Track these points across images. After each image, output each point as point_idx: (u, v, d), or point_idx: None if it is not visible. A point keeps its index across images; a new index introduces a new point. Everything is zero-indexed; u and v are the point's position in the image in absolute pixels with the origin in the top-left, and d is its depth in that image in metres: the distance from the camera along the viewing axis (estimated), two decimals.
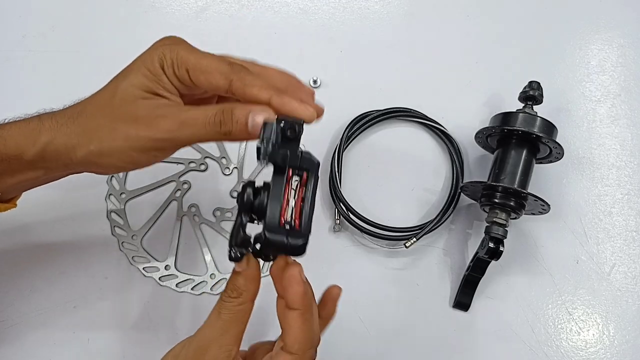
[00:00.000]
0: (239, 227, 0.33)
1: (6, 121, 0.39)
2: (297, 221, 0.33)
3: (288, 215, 0.33)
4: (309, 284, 0.34)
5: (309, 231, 0.33)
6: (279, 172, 0.33)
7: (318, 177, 0.34)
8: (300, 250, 0.33)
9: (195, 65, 0.37)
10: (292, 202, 0.33)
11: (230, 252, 0.33)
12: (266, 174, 0.46)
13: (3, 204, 0.40)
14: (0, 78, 0.59)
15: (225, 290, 0.34)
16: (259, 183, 0.34)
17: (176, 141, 0.35)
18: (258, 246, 0.34)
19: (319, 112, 0.38)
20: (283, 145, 0.33)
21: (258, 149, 0.32)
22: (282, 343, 0.33)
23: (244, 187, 0.34)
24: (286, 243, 0.32)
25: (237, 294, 0.34)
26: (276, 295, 0.35)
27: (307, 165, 0.34)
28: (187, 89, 0.37)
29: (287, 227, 0.33)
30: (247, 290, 0.34)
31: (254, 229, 0.35)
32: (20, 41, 0.60)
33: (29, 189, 0.42)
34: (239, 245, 0.33)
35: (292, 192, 0.34)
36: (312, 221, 0.33)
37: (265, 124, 0.33)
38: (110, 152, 0.35)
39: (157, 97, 0.36)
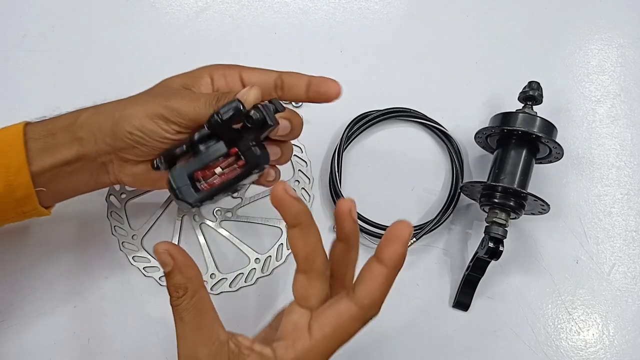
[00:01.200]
0: (176, 146, 0.38)
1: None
2: (205, 185, 0.37)
3: (206, 176, 0.37)
4: (406, 249, 0.32)
5: (201, 203, 0.37)
6: (228, 140, 0.37)
7: (251, 174, 0.37)
8: (182, 204, 0.36)
9: (247, 69, 0.43)
10: (217, 171, 0.37)
11: (155, 160, 0.38)
12: None
13: (41, 207, 0.42)
14: (0, 78, 0.59)
15: (170, 295, 0.34)
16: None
17: (181, 113, 0.38)
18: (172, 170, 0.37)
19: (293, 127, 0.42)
20: (245, 128, 0.36)
21: (210, 116, 0.36)
22: (344, 292, 0.33)
23: (208, 125, 0.37)
24: (178, 189, 0.36)
25: (182, 291, 0.33)
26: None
27: (249, 158, 0.37)
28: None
29: (196, 182, 0.37)
30: (189, 281, 0.33)
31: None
32: (20, 41, 0.60)
33: (67, 191, 0.43)
34: (164, 158, 0.38)
35: (225, 166, 0.37)
36: (212, 198, 0.37)
37: (232, 100, 0.36)
38: (128, 116, 0.39)
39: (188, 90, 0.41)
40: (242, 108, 0.35)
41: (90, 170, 0.42)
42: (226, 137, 0.37)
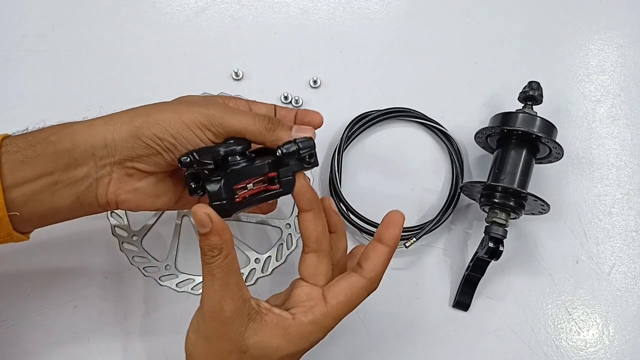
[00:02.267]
0: (214, 151, 0.38)
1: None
2: (239, 198, 0.38)
3: (241, 188, 0.38)
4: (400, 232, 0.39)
5: (231, 214, 0.38)
6: (272, 164, 0.39)
7: (277, 195, 0.40)
8: (223, 214, 0.37)
9: (251, 101, 0.46)
10: (249, 186, 0.39)
11: (184, 155, 0.37)
12: None
13: (17, 233, 0.39)
14: (0, 78, 0.59)
15: (204, 254, 0.36)
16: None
17: (224, 122, 0.39)
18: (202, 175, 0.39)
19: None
20: (300, 158, 0.40)
21: (285, 144, 0.38)
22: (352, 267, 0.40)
23: (241, 141, 0.40)
24: (223, 198, 0.37)
25: (217, 251, 0.36)
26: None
27: (286, 186, 0.40)
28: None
29: (232, 193, 0.38)
30: (225, 242, 0.36)
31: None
32: (20, 41, 0.60)
33: (46, 215, 0.40)
34: (197, 157, 0.37)
35: (260, 183, 0.39)
36: (243, 210, 0.39)
37: (307, 138, 0.40)
38: (158, 122, 0.38)
39: None
40: (314, 145, 0.40)
41: (77, 189, 0.38)
42: (271, 160, 0.39)
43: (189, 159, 0.37)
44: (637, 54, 0.63)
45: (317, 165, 0.41)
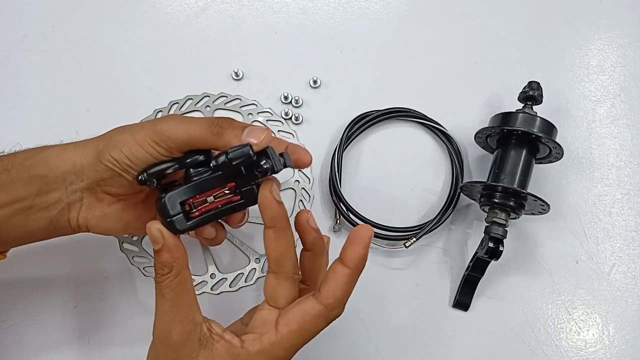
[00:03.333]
0: (167, 166, 0.38)
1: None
2: (197, 213, 0.37)
3: (196, 203, 0.37)
4: (367, 251, 0.35)
5: (189, 230, 0.37)
6: (227, 174, 0.37)
7: (244, 209, 0.39)
8: (172, 230, 0.36)
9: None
10: (209, 199, 0.37)
11: (142, 174, 0.37)
12: None
13: None
14: (0, 78, 0.59)
15: (155, 271, 0.35)
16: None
17: (174, 135, 0.37)
18: (162, 192, 0.37)
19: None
20: (247, 167, 0.36)
21: (218, 155, 0.35)
22: (310, 292, 0.36)
23: (200, 152, 0.38)
24: (170, 215, 0.36)
25: (167, 269, 0.34)
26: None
27: (245, 195, 0.37)
28: None
29: (187, 208, 0.37)
30: (175, 260, 0.35)
31: None
32: (20, 41, 0.60)
33: (20, 237, 0.41)
34: (152, 174, 0.37)
35: (219, 196, 0.37)
36: (200, 226, 0.37)
37: (243, 145, 0.35)
38: (115, 144, 0.38)
39: None
40: (252, 154, 0.35)
41: (50, 213, 0.39)
42: (225, 171, 0.37)
43: (141, 177, 0.38)
44: (637, 54, 0.63)
45: (272, 171, 0.36)
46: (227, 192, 0.37)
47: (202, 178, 0.37)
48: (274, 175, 0.37)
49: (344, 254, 0.35)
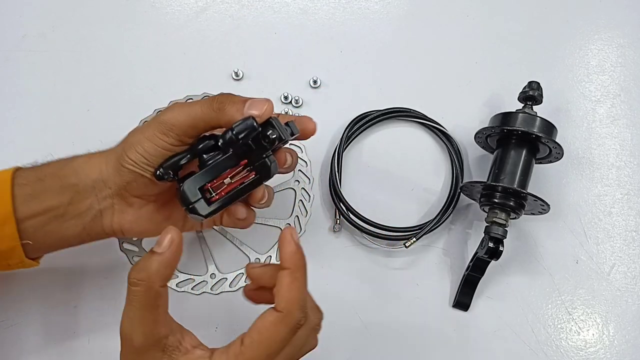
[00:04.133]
0: (181, 156, 0.38)
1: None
2: (216, 196, 0.37)
3: (215, 187, 0.37)
4: (300, 247, 0.35)
5: (213, 214, 0.37)
6: (238, 152, 0.37)
7: (261, 184, 0.38)
8: (195, 217, 0.37)
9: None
10: (227, 181, 0.37)
11: (158, 169, 0.38)
12: None
13: (28, 260, 0.41)
14: (0, 78, 0.59)
15: (132, 274, 0.33)
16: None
17: (178, 122, 0.38)
18: (180, 182, 0.37)
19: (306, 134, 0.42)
20: (255, 141, 0.36)
21: (224, 133, 0.36)
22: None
23: (211, 137, 0.38)
24: (190, 201, 0.37)
25: (146, 276, 0.33)
26: None
27: (260, 171, 0.38)
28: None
29: (207, 194, 0.37)
30: (158, 275, 0.33)
31: None
32: (20, 41, 0.60)
33: (55, 243, 0.42)
34: (167, 167, 0.38)
35: (235, 175, 0.37)
36: (222, 209, 0.38)
37: (246, 118, 0.36)
38: (130, 145, 0.39)
39: None
40: (256, 125, 0.36)
41: (83, 220, 0.40)
42: (235, 149, 0.37)
43: (158, 172, 0.38)
44: (637, 54, 0.63)
45: (281, 140, 0.37)
46: (241, 170, 0.37)
47: (216, 161, 0.37)
48: (285, 147, 0.38)
49: (280, 258, 0.35)
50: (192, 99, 0.57)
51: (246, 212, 0.43)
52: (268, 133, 0.36)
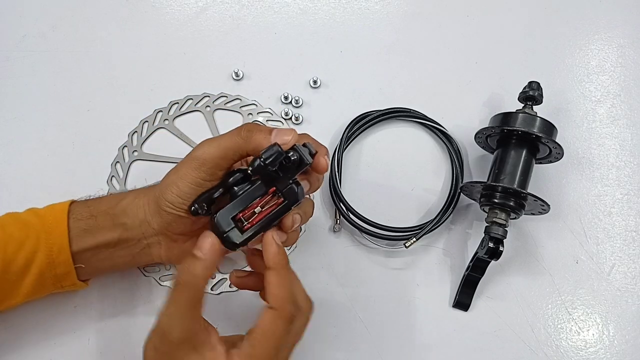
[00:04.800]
0: (213, 191, 0.40)
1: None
2: (248, 225, 0.39)
3: (246, 216, 0.39)
4: (281, 247, 0.38)
5: (247, 242, 0.39)
6: (266, 180, 0.39)
7: (290, 209, 0.40)
8: (229, 245, 0.38)
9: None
10: (257, 209, 0.39)
11: (193, 205, 0.40)
12: None
13: (79, 281, 0.44)
14: (0, 78, 0.59)
15: (179, 272, 0.36)
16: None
17: (209, 155, 0.40)
18: (213, 215, 0.39)
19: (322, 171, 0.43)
20: (281, 168, 0.38)
21: (252, 161, 0.37)
22: None
23: (239, 170, 0.40)
24: (224, 230, 0.38)
25: (191, 278, 0.36)
26: None
27: (288, 196, 0.39)
28: None
29: (239, 223, 0.39)
30: (202, 276, 0.36)
31: None
32: (20, 41, 0.60)
33: (105, 269, 0.45)
34: (201, 202, 0.40)
35: (265, 204, 0.39)
36: (255, 236, 0.39)
37: (272, 145, 0.37)
38: (166, 187, 0.41)
39: None
40: (281, 151, 0.38)
41: (132, 251, 0.44)
42: (263, 178, 0.39)
43: (193, 208, 0.40)
44: (637, 54, 0.63)
45: (302, 162, 0.39)
46: (270, 198, 0.39)
47: (246, 191, 0.39)
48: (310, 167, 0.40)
49: (265, 259, 0.38)
50: (192, 99, 0.57)
51: (285, 235, 0.43)
52: (289, 155, 0.38)
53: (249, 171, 0.38)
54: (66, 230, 0.42)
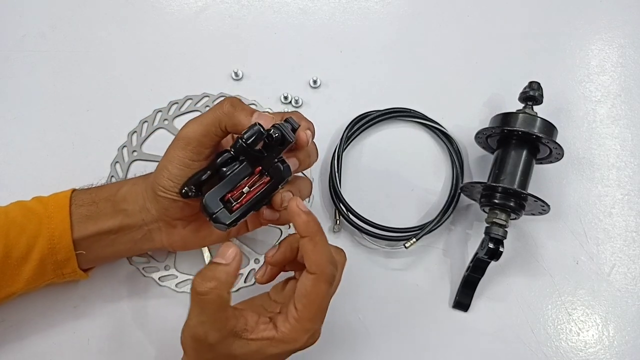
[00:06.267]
0: (202, 172, 0.40)
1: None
2: (237, 205, 0.39)
3: (235, 196, 0.39)
4: (311, 212, 0.38)
5: (236, 222, 0.39)
6: (251, 159, 0.39)
7: (277, 188, 0.40)
8: (219, 226, 0.39)
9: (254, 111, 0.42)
10: (245, 190, 0.39)
11: (183, 188, 0.40)
12: None
13: (79, 270, 0.45)
14: (0, 78, 0.59)
15: (200, 281, 0.36)
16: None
17: (192, 133, 0.40)
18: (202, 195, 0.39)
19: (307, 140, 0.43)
20: (265, 147, 0.39)
21: (235, 141, 0.38)
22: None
23: (228, 151, 0.40)
24: (212, 211, 0.39)
25: (216, 285, 0.36)
26: None
27: (274, 174, 0.40)
28: None
29: (228, 204, 0.39)
30: (226, 283, 0.36)
31: None
32: (20, 41, 0.60)
33: (107, 256, 0.46)
34: (189, 184, 0.40)
35: (252, 184, 0.40)
36: (245, 216, 0.39)
37: (252, 125, 0.38)
38: (159, 172, 0.42)
39: None
40: (262, 130, 0.38)
41: (133, 237, 0.44)
42: (249, 158, 0.39)
43: (183, 190, 0.40)
44: (637, 54, 0.63)
45: (289, 142, 0.39)
46: (258, 178, 0.40)
47: (234, 172, 0.39)
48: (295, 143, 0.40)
49: (296, 229, 0.38)
50: (191, 99, 0.57)
51: (277, 214, 0.44)
52: (271, 133, 0.38)
53: (231, 152, 0.38)
54: (68, 216, 0.42)
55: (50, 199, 0.44)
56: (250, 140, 0.38)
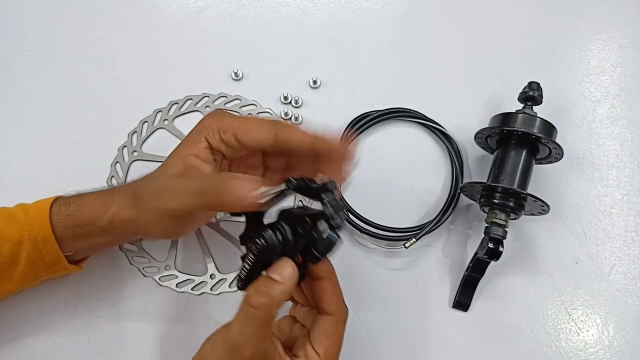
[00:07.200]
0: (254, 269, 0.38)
1: (84, 191, 0.45)
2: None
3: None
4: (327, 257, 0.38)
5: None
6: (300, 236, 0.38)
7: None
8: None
9: (241, 127, 0.40)
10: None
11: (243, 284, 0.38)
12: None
13: (72, 265, 0.45)
14: (0, 78, 0.59)
15: (256, 293, 0.36)
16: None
17: (188, 209, 0.39)
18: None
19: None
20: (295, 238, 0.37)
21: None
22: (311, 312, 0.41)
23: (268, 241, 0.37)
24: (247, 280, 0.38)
25: (268, 301, 0.36)
26: None
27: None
28: (234, 152, 0.41)
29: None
30: (279, 301, 0.36)
31: None
32: (20, 41, 0.60)
33: (98, 252, 0.48)
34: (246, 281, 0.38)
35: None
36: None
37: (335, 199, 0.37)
38: (153, 223, 0.41)
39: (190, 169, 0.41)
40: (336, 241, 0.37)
41: (124, 239, 0.48)
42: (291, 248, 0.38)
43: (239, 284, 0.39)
44: (637, 55, 0.63)
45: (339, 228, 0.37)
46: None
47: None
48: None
49: (314, 272, 0.39)
50: (191, 99, 0.57)
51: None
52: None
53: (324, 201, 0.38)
54: (47, 221, 0.42)
55: (32, 206, 0.44)
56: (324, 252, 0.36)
